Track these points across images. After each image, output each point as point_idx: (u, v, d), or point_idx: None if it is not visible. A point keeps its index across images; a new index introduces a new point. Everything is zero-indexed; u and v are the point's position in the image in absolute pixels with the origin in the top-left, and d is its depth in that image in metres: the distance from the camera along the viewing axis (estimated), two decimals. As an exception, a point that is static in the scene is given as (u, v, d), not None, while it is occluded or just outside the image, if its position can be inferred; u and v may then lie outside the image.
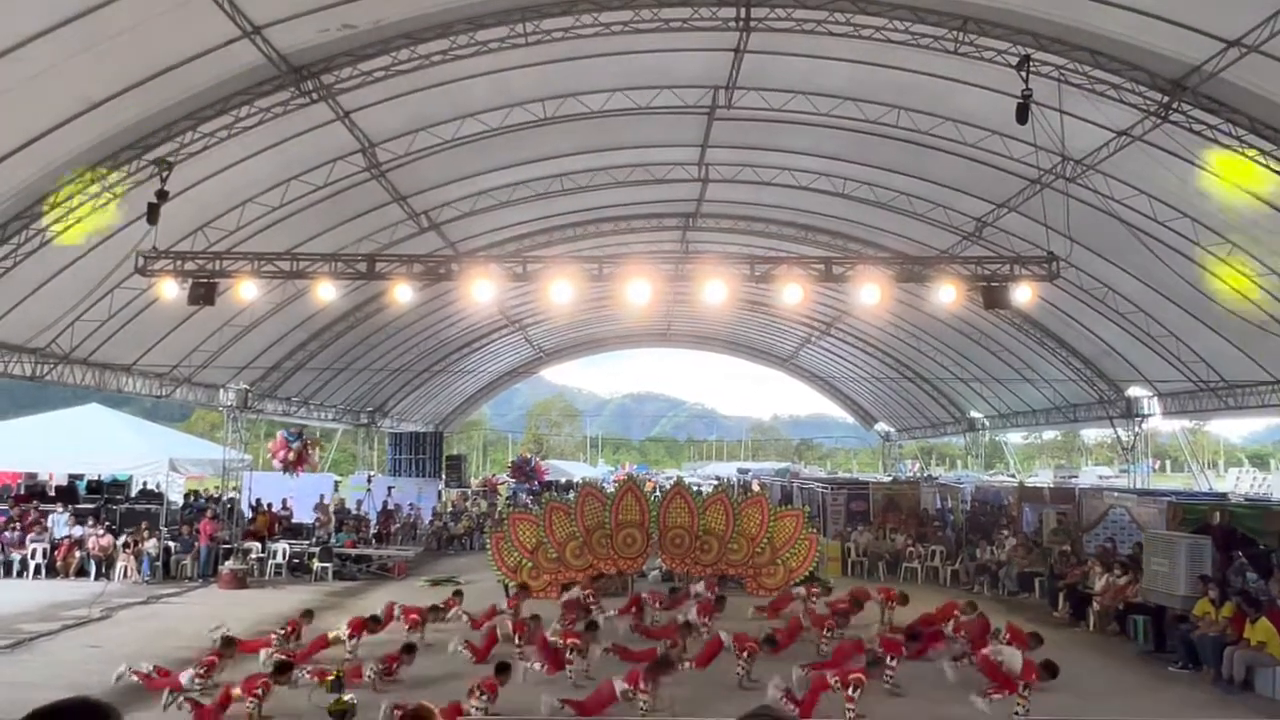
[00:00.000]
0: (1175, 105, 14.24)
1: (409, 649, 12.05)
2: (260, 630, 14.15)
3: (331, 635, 13.01)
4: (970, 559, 22.33)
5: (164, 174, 14.83)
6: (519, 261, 16.30)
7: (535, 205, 23.12)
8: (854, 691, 10.22)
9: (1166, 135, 14.91)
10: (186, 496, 27.91)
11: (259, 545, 22.26)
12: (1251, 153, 13.96)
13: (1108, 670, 13.63)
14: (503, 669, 10.78)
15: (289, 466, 25.26)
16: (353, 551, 23.50)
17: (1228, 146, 14.29)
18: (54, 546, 21.24)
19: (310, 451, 25.73)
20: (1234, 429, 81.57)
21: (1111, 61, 14.07)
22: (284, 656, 11.41)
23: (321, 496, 27.47)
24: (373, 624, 13.62)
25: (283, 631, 13.09)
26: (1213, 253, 17.52)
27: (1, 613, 16.30)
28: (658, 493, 22.53)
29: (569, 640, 12.48)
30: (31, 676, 12.04)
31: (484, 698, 10.03)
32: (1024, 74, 13.85)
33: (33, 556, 20.87)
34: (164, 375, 23.03)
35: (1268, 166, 14.04)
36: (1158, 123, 14.77)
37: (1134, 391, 26.20)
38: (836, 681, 10.43)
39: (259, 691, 9.88)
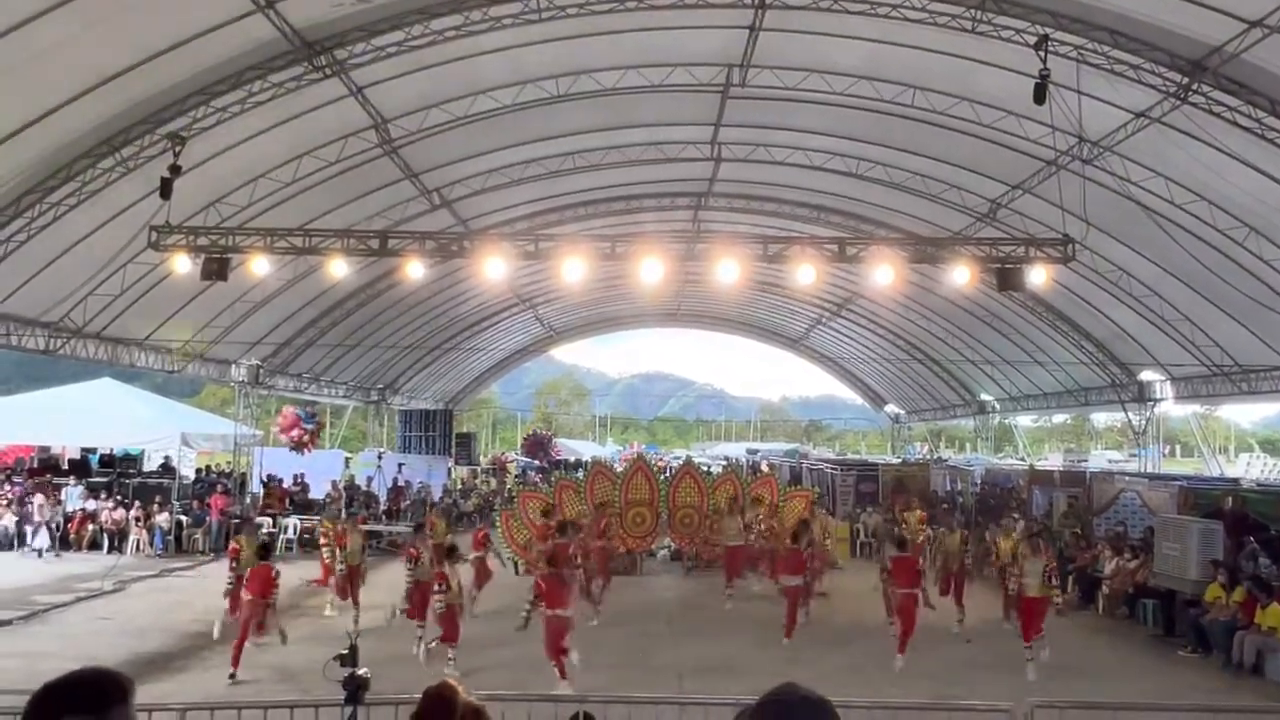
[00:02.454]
0: (1195, 86, 14.05)
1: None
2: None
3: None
4: (979, 541, 22.23)
5: (177, 149, 14.78)
6: (530, 239, 16.25)
7: (547, 183, 23.03)
8: None
9: (1185, 117, 14.74)
10: (198, 471, 28.07)
11: (270, 520, 22.37)
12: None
13: (1116, 654, 13.63)
14: (452, 550, 12.25)
15: (299, 446, 25.29)
16: (363, 528, 23.53)
17: (1247, 129, 14.13)
18: (67, 519, 21.42)
19: (317, 435, 25.82)
20: (1245, 414, 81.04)
21: (1131, 41, 13.88)
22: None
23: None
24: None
25: None
26: (1230, 236, 17.37)
27: (15, 585, 16.48)
28: (667, 473, 22.52)
29: None
30: (44, 648, 12.15)
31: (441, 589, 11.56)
32: (1042, 54, 13.66)
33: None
34: (176, 350, 23.10)
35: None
36: (1177, 104, 14.60)
37: (1146, 375, 26.08)
38: None
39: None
